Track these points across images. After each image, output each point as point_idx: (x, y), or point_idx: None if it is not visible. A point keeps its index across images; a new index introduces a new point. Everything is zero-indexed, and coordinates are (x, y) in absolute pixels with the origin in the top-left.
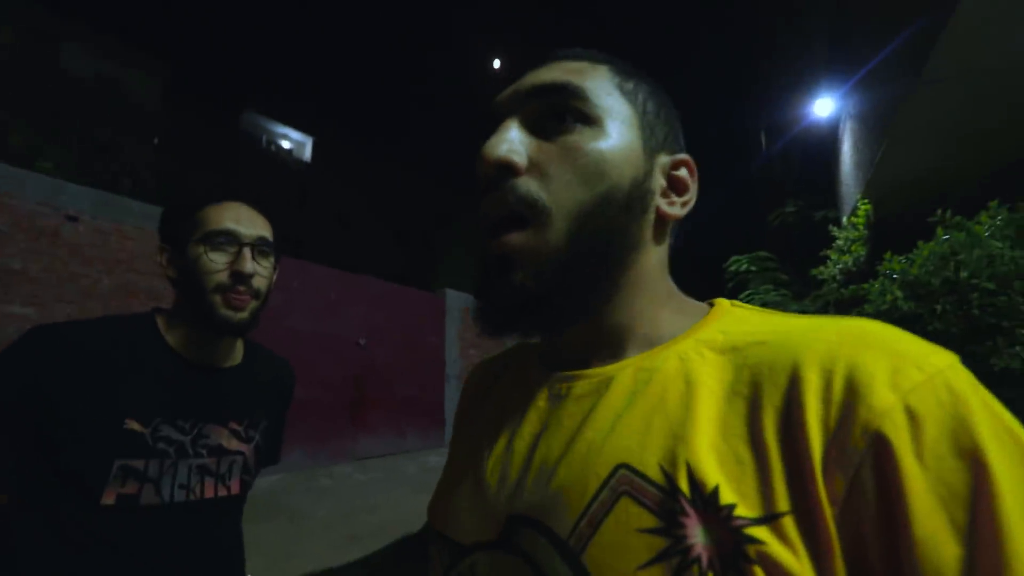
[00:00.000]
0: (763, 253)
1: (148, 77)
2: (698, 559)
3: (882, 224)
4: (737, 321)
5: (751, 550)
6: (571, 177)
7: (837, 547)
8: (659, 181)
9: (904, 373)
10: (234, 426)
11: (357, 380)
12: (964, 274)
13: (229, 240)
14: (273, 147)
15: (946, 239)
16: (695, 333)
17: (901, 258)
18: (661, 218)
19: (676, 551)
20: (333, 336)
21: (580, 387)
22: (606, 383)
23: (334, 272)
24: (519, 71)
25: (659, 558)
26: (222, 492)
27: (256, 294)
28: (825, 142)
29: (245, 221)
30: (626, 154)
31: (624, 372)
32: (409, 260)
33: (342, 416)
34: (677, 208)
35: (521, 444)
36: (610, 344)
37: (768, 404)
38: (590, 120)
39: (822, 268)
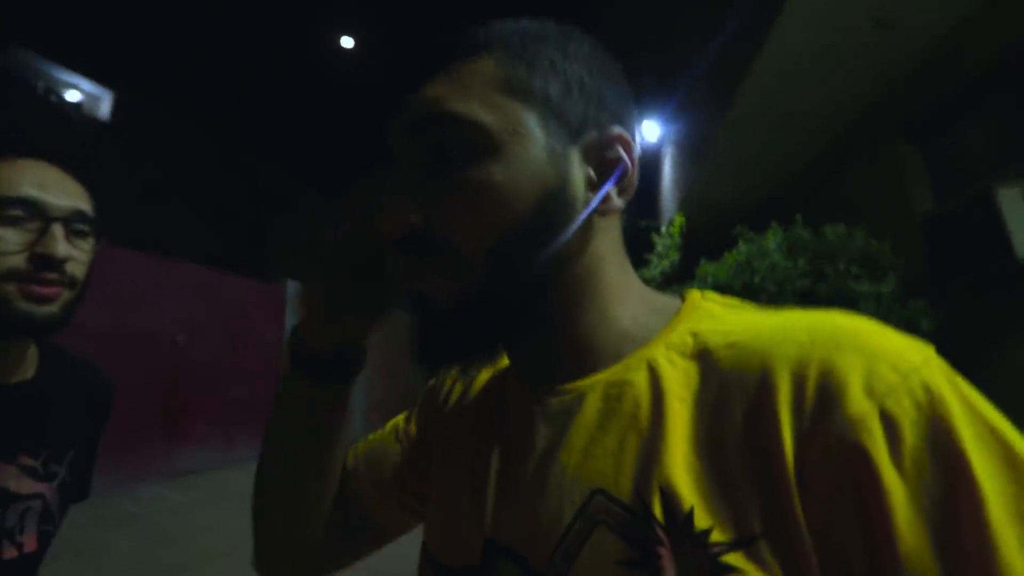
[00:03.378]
0: None
1: None
2: None
3: (692, 234)
4: (708, 319)
5: None
6: (467, 218)
7: (816, 568)
8: (583, 176)
9: (878, 375)
10: (26, 461)
11: (171, 383)
12: (757, 279)
13: (29, 212)
14: (55, 98)
15: (744, 250)
16: (665, 336)
17: (712, 264)
18: (598, 215)
19: None
20: (140, 333)
21: (553, 406)
22: (578, 401)
23: (142, 257)
24: (372, 52)
25: None
26: (10, 553)
27: (71, 282)
28: (650, 160)
29: (54, 187)
30: (527, 170)
31: (594, 389)
32: (238, 245)
33: (152, 428)
34: (613, 201)
35: (495, 464)
36: (576, 357)
37: (737, 415)
38: (474, 149)
39: (644, 270)
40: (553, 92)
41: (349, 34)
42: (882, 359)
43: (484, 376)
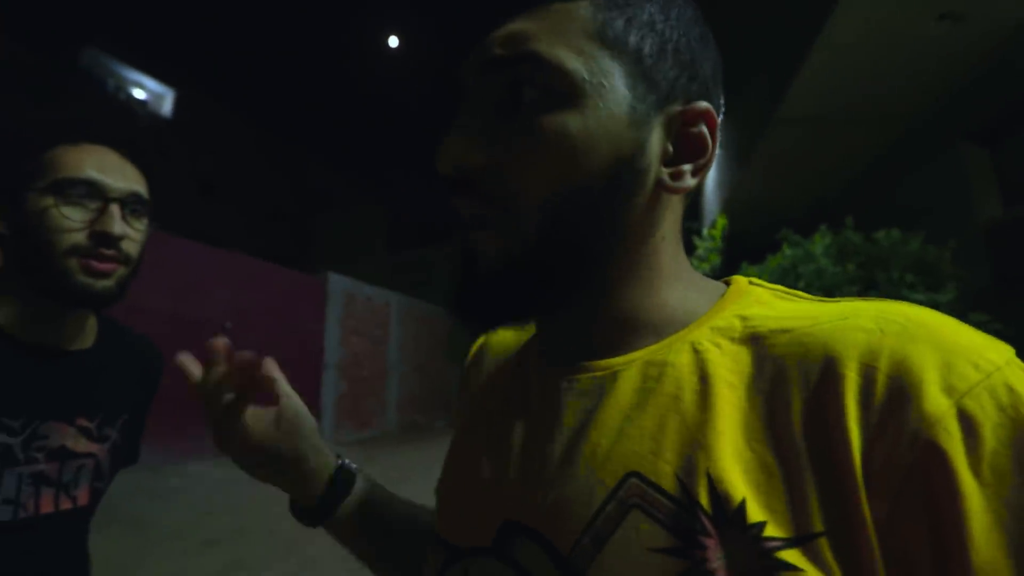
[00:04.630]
0: None
1: None
2: None
3: (735, 237)
4: (757, 304)
5: None
6: (533, 166)
7: (881, 573)
8: (660, 147)
9: (958, 372)
10: (83, 423)
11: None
12: (801, 284)
13: (90, 193)
14: (123, 95)
15: (789, 254)
16: (710, 320)
17: (755, 268)
18: (666, 192)
19: (695, 575)
20: (192, 318)
21: (583, 382)
22: (612, 378)
23: (196, 246)
24: (418, 51)
25: None
26: (65, 505)
27: (126, 259)
28: None
29: (113, 170)
30: (605, 128)
31: (632, 366)
32: (285, 238)
33: (197, 407)
34: (686, 179)
35: (519, 443)
36: (614, 334)
37: (797, 404)
38: (556, 93)
39: None
40: (648, 50)
41: (395, 34)
42: (961, 355)
43: (508, 351)
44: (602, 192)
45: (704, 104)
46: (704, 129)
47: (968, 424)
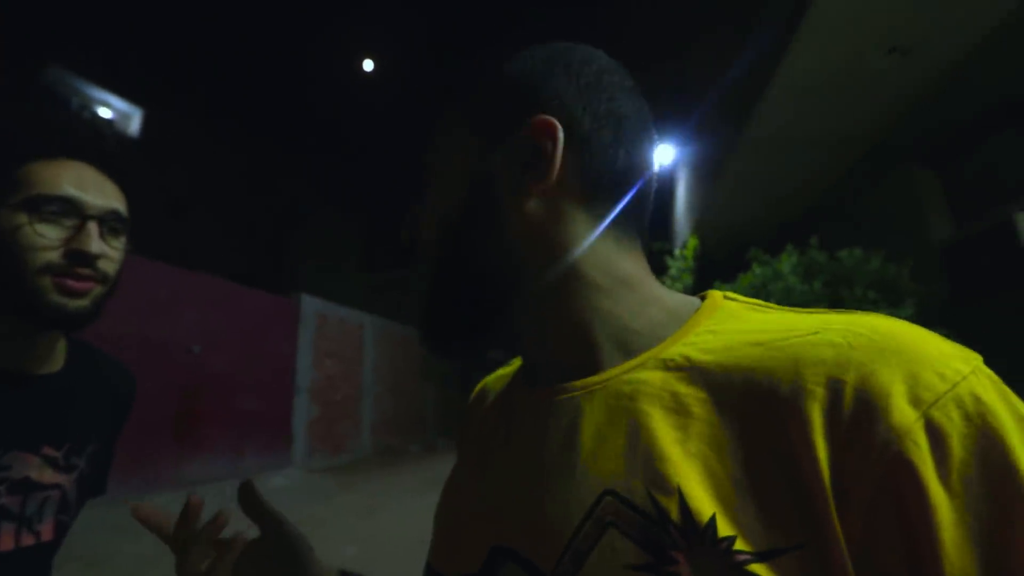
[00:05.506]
0: None
1: None
2: None
3: (706, 257)
4: (730, 317)
5: None
6: (428, 217)
7: None
8: (507, 167)
9: (924, 383)
10: (49, 452)
11: (186, 392)
12: (772, 302)
13: (67, 210)
14: (87, 113)
15: (759, 273)
16: (684, 335)
17: (727, 287)
18: (537, 196)
19: None
20: (158, 341)
21: (559, 404)
22: (586, 399)
23: (163, 267)
24: (393, 70)
25: None
26: (27, 541)
27: (103, 278)
28: (664, 183)
29: (91, 187)
30: (456, 172)
31: (604, 387)
32: (256, 259)
33: (164, 435)
34: (533, 187)
35: (504, 468)
36: (579, 353)
37: (765, 419)
38: (435, 165)
39: None
40: (475, 104)
41: (370, 57)
42: (927, 366)
43: (501, 387)
44: (466, 214)
45: (541, 117)
46: (546, 140)
47: (935, 435)
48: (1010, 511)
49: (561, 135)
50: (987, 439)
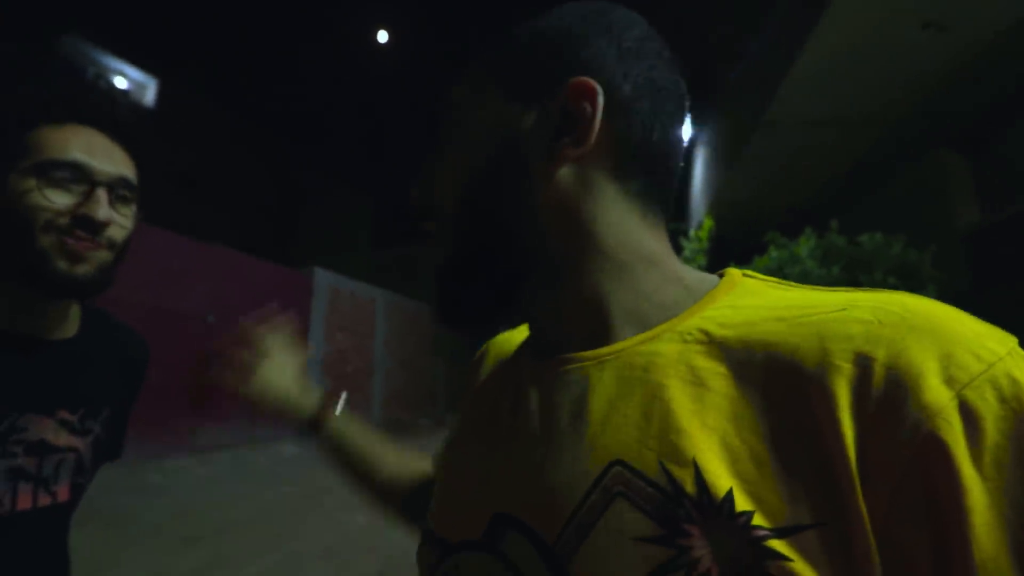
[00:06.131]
0: None
1: None
2: (707, 575)
3: (721, 239)
4: (750, 294)
5: (772, 567)
6: (442, 179)
7: (878, 568)
8: (541, 130)
9: (959, 362)
10: (64, 416)
11: (201, 362)
12: None
13: (76, 176)
14: (103, 82)
15: (775, 256)
16: (702, 310)
17: (741, 269)
18: (569, 163)
19: (680, 564)
20: (173, 311)
21: (570, 373)
22: (598, 368)
23: (178, 239)
24: (404, 45)
25: (659, 572)
26: (44, 501)
27: (110, 244)
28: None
29: (100, 153)
30: (480, 130)
31: (617, 358)
32: (266, 234)
33: (179, 403)
34: (569, 150)
35: (509, 435)
36: (591, 323)
37: (787, 394)
38: (456, 125)
39: None
40: (510, 60)
41: (384, 29)
42: (962, 345)
43: (508, 352)
44: (491, 179)
45: (580, 79)
46: (584, 103)
47: (970, 416)
48: None
49: (601, 100)
50: (1023, 422)
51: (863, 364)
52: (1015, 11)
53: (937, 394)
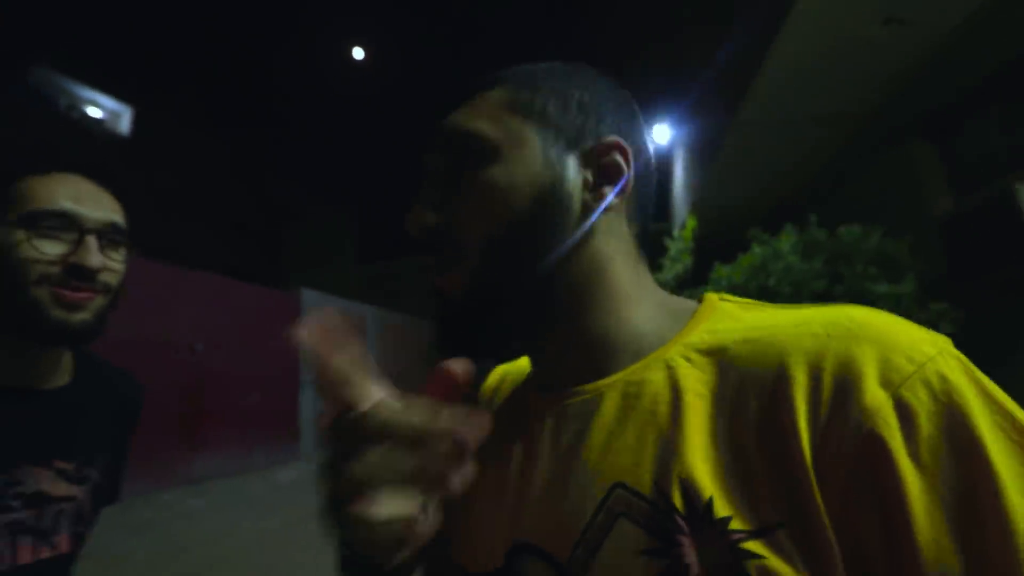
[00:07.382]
0: None
1: None
2: None
3: (705, 238)
4: (726, 318)
5: (750, 566)
6: (471, 213)
7: (838, 557)
8: (579, 178)
9: (894, 365)
10: (61, 465)
11: (191, 390)
12: (771, 281)
13: (65, 225)
14: (76, 114)
15: (759, 253)
16: (684, 337)
17: (727, 267)
18: (591, 211)
19: (674, 571)
20: (159, 341)
21: (573, 406)
22: (597, 400)
23: (161, 267)
24: (383, 59)
25: None
26: (44, 554)
27: (105, 288)
28: (661, 163)
29: (88, 200)
30: (523, 172)
31: (615, 387)
32: (249, 255)
33: (170, 434)
34: (608, 199)
35: (520, 467)
36: (594, 356)
37: (755, 408)
38: (483, 156)
39: (657, 275)
40: (552, 109)
41: (360, 45)
42: (897, 350)
43: (517, 382)
44: (531, 222)
45: (613, 137)
46: (617, 157)
47: (905, 413)
48: (976, 480)
49: (632, 156)
50: (953, 416)
51: (815, 374)
52: (971, 4)
53: (875, 395)
